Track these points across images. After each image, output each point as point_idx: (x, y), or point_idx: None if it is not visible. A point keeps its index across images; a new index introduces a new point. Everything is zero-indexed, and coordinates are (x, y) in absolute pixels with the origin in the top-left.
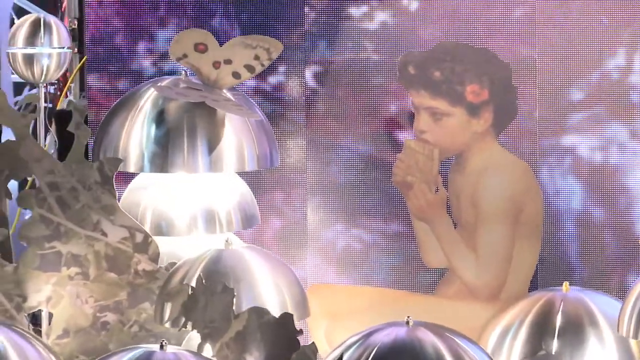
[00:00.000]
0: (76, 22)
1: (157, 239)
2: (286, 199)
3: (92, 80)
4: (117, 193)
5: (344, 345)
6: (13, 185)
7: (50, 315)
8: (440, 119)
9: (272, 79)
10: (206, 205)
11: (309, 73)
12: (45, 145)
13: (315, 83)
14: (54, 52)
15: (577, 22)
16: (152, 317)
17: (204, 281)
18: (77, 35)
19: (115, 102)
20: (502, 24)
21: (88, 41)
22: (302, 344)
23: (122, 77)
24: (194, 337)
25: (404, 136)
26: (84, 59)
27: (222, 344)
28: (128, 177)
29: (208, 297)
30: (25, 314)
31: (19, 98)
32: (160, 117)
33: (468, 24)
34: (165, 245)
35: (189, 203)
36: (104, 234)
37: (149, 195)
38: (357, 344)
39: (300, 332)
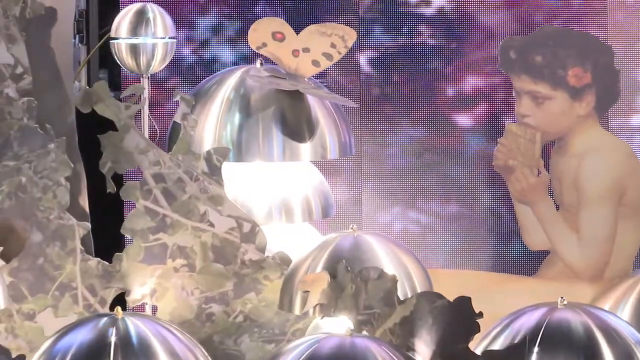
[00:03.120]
0: (84, 14)
1: None
2: (340, 183)
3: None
4: None
5: (491, 334)
6: None
7: (154, 308)
8: (542, 103)
9: None
10: (285, 194)
11: (363, 58)
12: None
13: (370, 68)
14: (159, 42)
15: None
16: (257, 307)
17: (348, 268)
18: (82, 28)
19: (189, 93)
20: (567, 5)
21: None
22: None
23: None
24: (322, 325)
25: (459, 119)
26: (92, 51)
27: (385, 330)
28: None
29: (359, 284)
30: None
31: None
32: (242, 106)
33: (529, 7)
34: None
35: (268, 192)
36: (211, 225)
37: (228, 185)
38: (507, 332)
39: (480, 314)
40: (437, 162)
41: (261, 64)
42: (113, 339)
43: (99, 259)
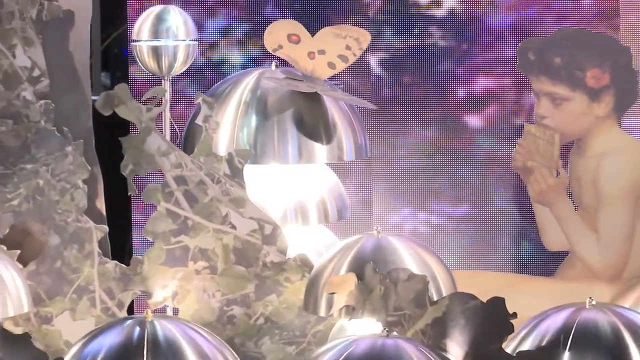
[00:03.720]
0: None
1: None
2: (351, 184)
3: (135, 71)
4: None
5: (519, 336)
6: None
7: (175, 311)
8: (560, 104)
9: None
10: (302, 197)
11: (373, 60)
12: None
13: (381, 69)
14: (180, 44)
15: None
16: (278, 309)
17: (377, 269)
18: None
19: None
20: (579, 7)
21: (131, 32)
22: None
23: None
24: (347, 327)
25: (470, 121)
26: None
27: (417, 331)
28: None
29: (388, 285)
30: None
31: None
32: (259, 109)
33: (540, 8)
34: None
35: (284, 194)
36: (233, 227)
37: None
38: (535, 333)
39: (514, 315)
40: (447, 163)
41: (276, 66)
42: (145, 342)
43: (116, 261)
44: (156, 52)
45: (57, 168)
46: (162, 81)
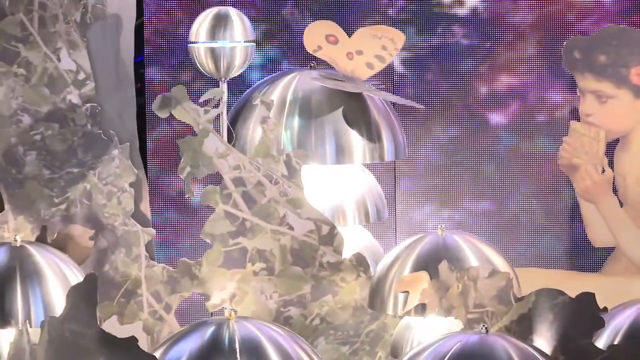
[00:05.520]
0: None
1: None
2: None
3: (151, 72)
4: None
5: None
6: None
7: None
8: (605, 102)
9: None
10: (342, 197)
11: (396, 59)
12: None
13: (403, 68)
14: (237, 45)
15: None
16: (333, 310)
17: (452, 267)
18: None
19: (243, 96)
20: (601, 4)
21: (148, 33)
22: None
23: (184, 69)
24: (414, 325)
25: (493, 118)
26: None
27: (501, 327)
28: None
29: (466, 283)
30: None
31: None
32: (302, 110)
33: (562, 6)
34: None
35: (324, 195)
36: (291, 228)
37: None
38: (608, 330)
39: (605, 309)
40: (470, 160)
41: (313, 67)
42: (235, 343)
43: (164, 265)
44: (213, 53)
45: (104, 172)
46: (219, 82)
